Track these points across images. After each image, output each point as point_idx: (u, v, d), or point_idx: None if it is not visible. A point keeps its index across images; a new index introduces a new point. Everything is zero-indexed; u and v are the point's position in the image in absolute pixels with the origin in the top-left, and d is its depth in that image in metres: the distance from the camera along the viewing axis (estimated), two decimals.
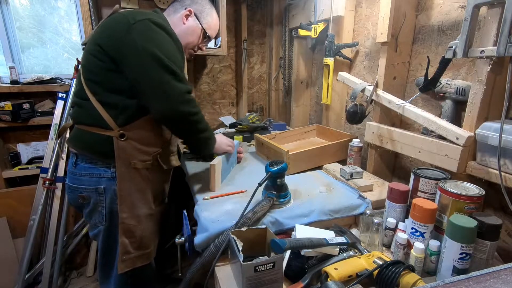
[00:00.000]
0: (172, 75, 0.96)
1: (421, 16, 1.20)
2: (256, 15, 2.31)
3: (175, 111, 0.98)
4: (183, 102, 0.99)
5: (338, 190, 1.17)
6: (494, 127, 0.85)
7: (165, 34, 1.00)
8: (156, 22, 0.98)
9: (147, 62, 0.93)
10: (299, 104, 2.11)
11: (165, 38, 0.99)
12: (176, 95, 0.97)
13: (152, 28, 0.97)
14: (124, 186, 1.03)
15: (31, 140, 1.91)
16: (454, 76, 1.10)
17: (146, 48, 0.93)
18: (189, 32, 1.18)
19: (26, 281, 1.72)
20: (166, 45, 0.98)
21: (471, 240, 0.72)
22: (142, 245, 1.10)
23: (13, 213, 1.80)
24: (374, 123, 1.30)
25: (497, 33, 0.81)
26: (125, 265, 1.06)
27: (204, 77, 2.29)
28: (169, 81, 0.95)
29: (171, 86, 0.96)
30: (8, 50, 1.84)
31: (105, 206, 1.05)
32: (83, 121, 1.04)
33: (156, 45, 0.95)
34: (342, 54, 1.52)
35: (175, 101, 0.97)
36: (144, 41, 0.94)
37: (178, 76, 0.97)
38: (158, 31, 0.98)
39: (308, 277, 0.76)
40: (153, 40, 0.95)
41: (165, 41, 0.99)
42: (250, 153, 1.65)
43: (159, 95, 0.96)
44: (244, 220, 0.90)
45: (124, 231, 1.05)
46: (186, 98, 0.99)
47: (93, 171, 1.04)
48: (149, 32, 0.96)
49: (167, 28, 1.02)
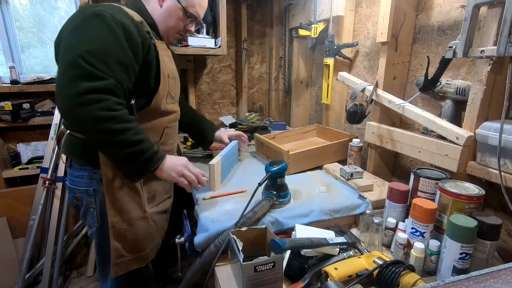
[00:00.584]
0: (75, 69, 0.80)
1: (421, 16, 1.20)
2: (256, 15, 2.31)
3: (70, 113, 0.83)
4: (81, 103, 0.80)
5: (338, 190, 1.17)
6: (494, 127, 0.85)
7: (102, 26, 0.85)
8: (98, 13, 0.86)
9: (61, 54, 0.84)
10: (299, 104, 2.11)
11: (97, 29, 0.85)
12: (71, 94, 0.80)
13: (86, 20, 0.86)
14: (112, 190, 0.98)
15: (31, 140, 1.91)
16: (454, 76, 1.10)
17: (66, 38, 0.86)
18: (167, 15, 1.05)
19: (26, 281, 1.71)
20: (96, 39, 0.84)
21: (471, 240, 0.72)
22: (136, 248, 1.06)
23: (13, 213, 1.80)
24: (374, 123, 1.30)
25: (497, 33, 0.81)
26: (120, 268, 1.03)
27: (204, 77, 2.29)
28: (67, 77, 0.81)
29: (68, 83, 0.81)
30: (8, 50, 1.84)
31: (96, 208, 1.02)
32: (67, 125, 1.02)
33: (77, 36, 0.84)
34: (342, 54, 1.52)
35: (68, 101, 0.81)
36: (69, 32, 0.86)
37: (88, 72, 0.81)
38: (93, 22, 0.85)
39: (308, 277, 0.76)
40: (77, 31, 0.85)
41: (93, 33, 0.85)
42: (250, 153, 1.65)
43: (57, 93, 0.82)
44: (244, 220, 0.90)
45: (115, 235, 1.01)
46: (86, 98, 0.80)
47: (83, 172, 1.01)
48: (79, 24, 0.86)
49: (109, 20, 0.86)
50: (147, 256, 1.10)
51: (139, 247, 1.07)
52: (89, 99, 0.81)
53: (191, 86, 2.16)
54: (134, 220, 1.04)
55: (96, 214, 1.03)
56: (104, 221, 1.01)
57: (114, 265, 1.02)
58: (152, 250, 1.13)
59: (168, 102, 1.09)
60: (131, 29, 0.90)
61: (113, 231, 1.00)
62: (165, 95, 1.06)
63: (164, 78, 1.03)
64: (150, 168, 0.94)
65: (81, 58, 0.80)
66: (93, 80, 0.82)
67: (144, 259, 1.10)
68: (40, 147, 1.92)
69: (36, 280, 1.78)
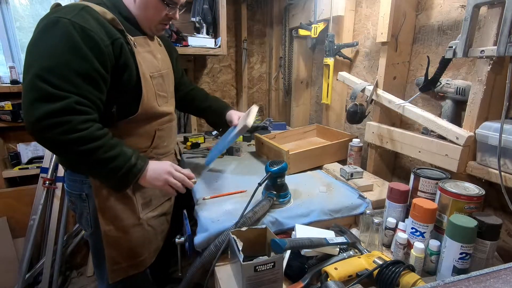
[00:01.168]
0: (37, 92, 0.76)
1: (421, 15, 1.20)
2: (256, 15, 2.31)
3: (38, 139, 0.80)
4: (42, 129, 0.77)
5: (338, 190, 1.17)
6: (494, 127, 0.85)
7: (62, 36, 0.79)
8: (58, 21, 0.79)
9: (23, 75, 0.79)
10: (299, 104, 2.11)
11: (58, 44, 0.78)
12: (32, 121, 0.76)
13: (45, 30, 0.80)
14: (102, 199, 0.95)
15: (31, 140, 1.91)
16: (454, 76, 1.10)
17: (27, 52, 0.80)
18: (143, 6, 0.96)
19: (26, 281, 1.71)
20: (54, 53, 0.78)
21: (471, 240, 0.72)
22: (132, 254, 1.03)
23: (13, 213, 1.80)
24: (374, 123, 1.30)
25: (497, 33, 0.81)
26: (117, 275, 1.01)
27: (204, 77, 2.29)
28: (26, 101, 0.77)
29: (28, 107, 0.77)
30: (8, 50, 1.84)
31: (89, 212, 0.99)
32: None
33: (39, 53, 0.78)
34: (342, 54, 1.52)
35: (31, 127, 0.77)
36: (30, 48, 0.80)
37: (47, 94, 0.76)
38: (50, 33, 0.79)
39: (308, 277, 0.76)
40: (39, 47, 0.79)
41: (55, 48, 0.78)
42: (250, 153, 1.65)
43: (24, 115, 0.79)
44: (244, 220, 0.90)
45: (110, 244, 0.98)
46: (45, 123, 0.76)
47: (76, 176, 0.98)
48: (39, 35, 0.80)
49: (69, 28, 0.79)
50: (144, 261, 1.08)
51: (135, 254, 1.04)
52: (48, 125, 0.76)
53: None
54: (128, 227, 1.01)
55: (90, 219, 1.00)
56: (98, 226, 0.98)
57: (111, 272, 1.00)
58: (150, 255, 1.11)
59: (160, 104, 1.03)
60: (94, 33, 0.82)
61: (106, 240, 0.98)
62: (153, 98, 1.00)
63: (146, 80, 0.95)
64: (130, 181, 0.91)
65: (38, 78, 0.76)
66: (51, 101, 0.77)
67: (142, 265, 1.07)
68: (40, 147, 1.92)
69: (36, 280, 1.78)
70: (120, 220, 0.99)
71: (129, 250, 1.02)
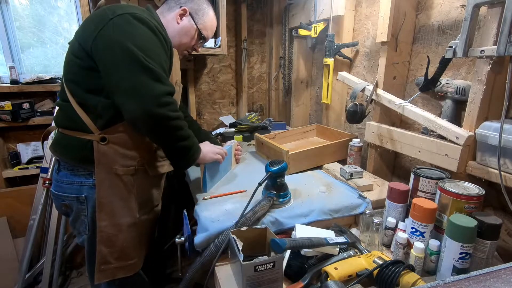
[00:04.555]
0: (147, 72, 0.86)
1: (421, 15, 1.20)
2: (256, 14, 2.30)
3: (149, 114, 0.87)
4: (160, 104, 0.87)
5: (338, 189, 1.17)
6: (494, 127, 0.85)
7: (146, 29, 0.91)
8: (138, 17, 0.90)
9: (119, 57, 0.85)
10: (299, 103, 2.11)
11: (145, 33, 0.90)
12: (151, 96, 0.86)
13: (131, 22, 0.88)
14: (104, 193, 0.97)
15: (31, 140, 1.91)
16: (454, 76, 1.10)
17: (119, 41, 0.85)
18: (183, 32, 1.11)
19: (26, 281, 1.71)
20: (145, 40, 0.89)
21: (471, 239, 0.72)
22: (123, 255, 1.03)
23: (13, 213, 1.80)
24: (374, 122, 1.30)
25: (497, 33, 0.81)
26: (104, 275, 1.00)
27: (204, 77, 2.29)
28: (143, 79, 0.85)
29: (145, 85, 0.86)
30: (8, 50, 1.84)
31: (88, 215, 0.99)
32: (63, 125, 0.98)
33: (132, 39, 0.86)
34: (342, 53, 1.52)
35: (149, 102, 0.86)
36: (119, 35, 0.86)
37: (155, 74, 0.87)
38: (138, 25, 0.89)
39: (308, 277, 0.76)
40: (129, 34, 0.87)
41: (144, 36, 0.90)
42: (250, 152, 1.65)
43: (131, 94, 0.85)
44: (244, 220, 0.90)
45: (103, 240, 0.98)
46: (163, 100, 0.88)
47: (74, 178, 0.98)
48: (127, 26, 0.88)
49: (150, 23, 0.92)
50: (135, 265, 1.07)
51: (127, 255, 1.04)
52: (165, 101, 0.89)
53: (191, 86, 2.16)
54: (124, 226, 1.01)
55: (87, 222, 1.00)
56: (95, 229, 0.99)
57: (98, 271, 0.99)
58: (140, 259, 1.10)
59: None
60: (164, 33, 0.97)
61: (100, 236, 0.98)
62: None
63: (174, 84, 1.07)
64: (196, 157, 1.05)
65: (145, 61, 0.86)
66: (163, 83, 0.89)
67: (132, 268, 1.06)
68: (40, 147, 1.92)
69: (36, 280, 1.78)
70: (117, 217, 1.00)
71: (121, 250, 1.02)
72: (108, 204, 0.98)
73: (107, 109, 0.93)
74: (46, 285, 1.71)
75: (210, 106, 2.36)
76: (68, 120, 0.97)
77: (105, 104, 0.92)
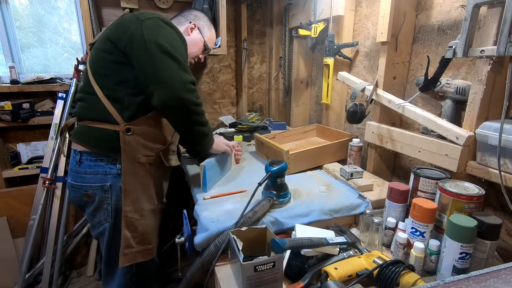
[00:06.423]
0: (177, 63, 0.99)
1: (421, 15, 1.20)
2: (256, 14, 2.30)
3: (177, 98, 0.99)
4: (187, 90, 1.00)
5: (338, 189, 1.17)
6: (494, 127, 0.85)
7: (173, 31, 1.06)
8: (165, 20, 1.05)
9: (153, 50, 0.97)
10: (299, 103, 2.11)
11: (172, 33, 1.05)
12: (180, 82, 0.99)
13: (160, 24, 1.03)
14: (129, 180, 1.05)
15: (31, 140, 1.91)
16: (454, 76, 1.10)
17: (153, 38, 0.98)
18: (192, 43, 1.29)
19: (26, 281, 1.72)
20: (172, 38, 1.03)
21: (471, 239, 0.73)
22: (144, 240, 1.10)
23: (13, 213, 1.80)
24: (374, 122, 1.30)
25: (497, 33, 0.81)
26: (126, 259, 1.06)
27: (204, 77, 2.29)
28: (173, 67, 0.98)
29: (175, 72, 0.98)
30: (8, 50, 1.84)
31: (111, 203, 1.06)
32: (89, 116, 1.06)
33: (163, 37, 1.00)
34: (342, 53, 1.52)
35: (178, 88, 0.98)
36: (151, 33, 0.99)
37: (182, 64, 1.01)
38: (166, 27, 1.04)
39: (308, 277, 0.76)
40: (160, 33, 1.01)
41: (172, 35, 1.04)
42: (250, 152, 1.65)
43: (163, 80, 0.97)
44: (244, 220, 0.90)
45: (127, 224, 1.05)
46: (189, 87, 1.01)
47: (98, 168, 1.05)
48: (156, 27, 1.02)
49: (175, 27, 1.08)
50: (152, 250, 1.14)
51: (146, 240, 1.11)
52: (191, 88, 1.02)
53: None
54: (146, 211, 1.10)
55: (110, 210, 1.07)
56: (118, 217, 1.06)
57: (122, 255, 1.06)
58: (156, 245, 1.17)
59: None
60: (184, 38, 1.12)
61: (125, 220, 1.05)
62: None
63: None
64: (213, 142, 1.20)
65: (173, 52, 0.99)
66: (188, 73, 1.03)
67: (150, 253, 1.13)
68: (40, 147, 1.92)
69: (36, 280, 1.78)
70: (139, 203, 1.08)
71: (142, 234, 1.09)
72: (132, 190, 1.06)
73: (133, 103, 1.04)
74: (46, 285, 1.71)
75: (210, 106, 2.36)
76: (94, 112, 1.05)
77: (132, 98, 1.03)
